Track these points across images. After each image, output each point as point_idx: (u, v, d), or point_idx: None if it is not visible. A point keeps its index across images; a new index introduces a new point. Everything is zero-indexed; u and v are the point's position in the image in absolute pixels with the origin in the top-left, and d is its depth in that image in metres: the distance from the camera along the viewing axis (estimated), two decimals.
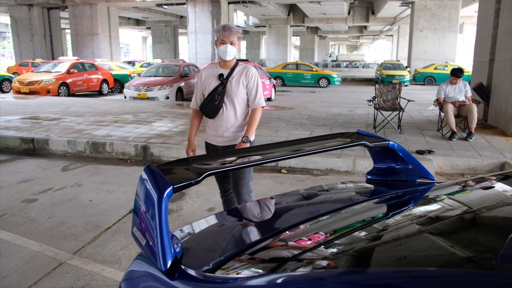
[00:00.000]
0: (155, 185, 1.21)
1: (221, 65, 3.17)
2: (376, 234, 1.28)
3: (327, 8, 31.69)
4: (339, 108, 11.53)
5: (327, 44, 69.27)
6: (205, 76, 3.18)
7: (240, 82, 3.11)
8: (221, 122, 3.15)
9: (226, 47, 3.03)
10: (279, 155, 1.56)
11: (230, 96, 3.11)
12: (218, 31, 3.04)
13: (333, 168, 5.79)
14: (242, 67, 3.15)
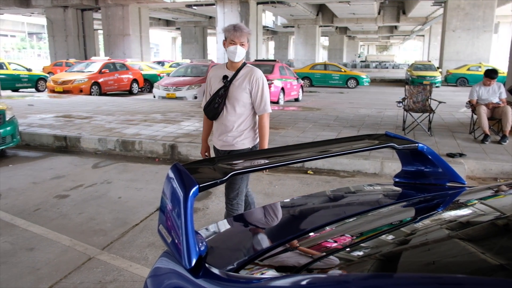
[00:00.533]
0: (181, 184, 1.23)
1: (228, 66, 3.07)
2: (403, 238, 1.25)
3: (356, 8, 31.32)
4: (368, 109, 11.38)
5: (356, 45, 68.46)
6: (211, 76, 3.12)
7: (243, 85, 2.98)
8: (220, 125, 3.09)
9: (236, 48, 2.91)
10: (306, 156, 1.55)
11: (232, 100, 3.00)
12: (228, 31, 2.92)
13: (361, 170, 5.72)
14: (248, 70, 3.02)
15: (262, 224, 1.59)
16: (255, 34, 24.76)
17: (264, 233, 1.47)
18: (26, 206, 4.41)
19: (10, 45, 66.68)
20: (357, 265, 1.12)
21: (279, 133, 7.40)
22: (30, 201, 4.54)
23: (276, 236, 1.39)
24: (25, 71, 18.43)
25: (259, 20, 25.53)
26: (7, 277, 3.01)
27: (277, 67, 13.70)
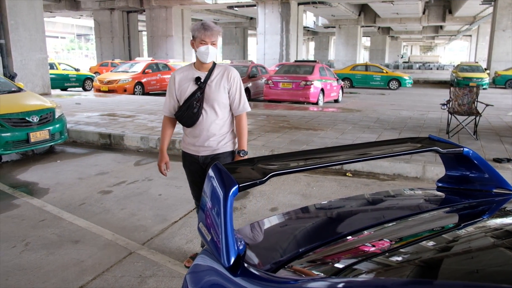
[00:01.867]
0: (222, 184, 1.25)
1: (196, 67, 2.83)
2: (445, 245, 1.22)
3: (400, 7, 30.57)
4: (410, 111, 11.09)
5: (399, 45, 66.80)
6: (179, 80, 2.83)
7: (221, 85, 2.79)
8: (201, 131, 2.83)
9: (207, 48, 2.69)
10: (346, 158, 1.54)
11: (210, 102, 2.78)
12: (198, 30, 2.69)
13: (401, 173, 5.58)
14: (222, 69, 2.84)
15: (300, 225, 1.59)
16: (295, 35, 24.67)
17: (302, 234, 1.47)
18: (72, 200, 4.61)
19: (60, 46, 69.75)
20: (395, 270, 1.11)
21: (318, 134, 7.35)
22: (76, 196, 4.74)
23: (314, 238, 1.38)
24: (74, 71, 19.25)
25: (299, 21, 25.41)
26: (54, 267, 3.16)
27: (317, 68, 13.60)
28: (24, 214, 4.21)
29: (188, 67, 2.89)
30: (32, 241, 3.60)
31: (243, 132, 2.90)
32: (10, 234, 3.72)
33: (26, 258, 3.30)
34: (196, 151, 2.90)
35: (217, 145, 2.88)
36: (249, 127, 7.96)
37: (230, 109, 2.87)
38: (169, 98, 2.89)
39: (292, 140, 6.79)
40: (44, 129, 6.31)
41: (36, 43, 12.86)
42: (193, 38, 2.74)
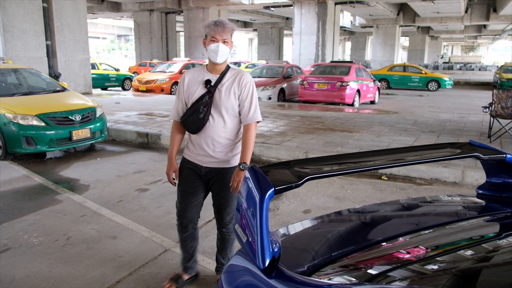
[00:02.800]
0: (258, 186, 1.27)
1: (208, 69, 2.62)
2: (484, 254, 1.19)
3: (441, 6, 29.68)
4: (449, 113, 10.77)
5: (439, 45, 64.87)
6: (188, 81, 2.62)
7: (231, 90, 2.54)
8: (206, 139, 2.58)
9: (218, 46, 2.47)
10: (382, 163, 1.53)
11: (218, 108, 2.54)
12: (208, 27, 2.49)
13: (439, 178, 5.44)
14: (235, 73, 2.60)
15: (335, 229, 1.59)
16: (331, 35, 24.41)
17: (337, 238, 1.47)
18: (111, 197, 4.76)
19: (101, 47, 72.01)
20: (431, 279, 1.09)
21: (353, 136, 7.26)
22: (114, 193, 4.89)
23: (349, 242, 1.38)
24: (114, 71, 19.84)
25: (336, 21, 25.13)
26: (93, 261, 3.28)
27: (353, 69, 13.43)
28: (66, 209, 4.39)
29: (200, 68, 2.67)
30: (73, 235, 3.75)
31: (249, 143, 2.57)
32: (53, 228, 3.89)
33: (68, 252, 3.44)
34: (200, 161, 2.64)
35: (224, 157, 2.62)
36: (284, 128, 7.96)
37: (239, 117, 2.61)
38: (177, 101, 2.68)
39: (327, 142, 6.74)
40: (85, 127, 6.55)
41: (80, 44, 13.35)
42: (205, 36, 2.54)
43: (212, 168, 2.64)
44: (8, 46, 10.74)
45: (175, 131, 2.74)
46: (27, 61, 10.73)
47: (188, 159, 2.71)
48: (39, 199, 4.70)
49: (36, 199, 4.71)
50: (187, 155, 2.72)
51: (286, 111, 10.79)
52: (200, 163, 2.65)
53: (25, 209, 4.38)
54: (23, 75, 7.47)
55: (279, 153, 6.29)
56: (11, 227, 3.92)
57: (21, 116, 6.09)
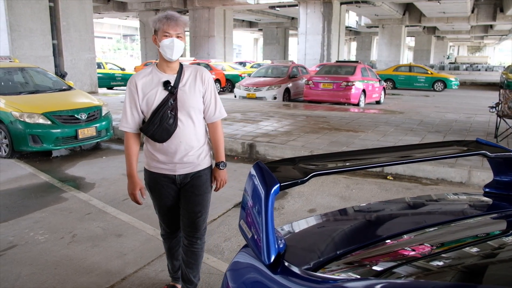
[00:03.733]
0: (263, 182, 1.26)
1: (161, 68, 2.34)
2: (490, 251, 1.18)
3: (447, 6, 29.53)
4: (456, 114, 10.71)
5: (445, 45, 64.55)
6: (142, 86, 2.30)
7: (195, 89, 2.34)
8: (178, 145, 2.33)
9: (173, 41, 2.22)
10: (388, 160, 1.52)
11: (186, 109, 2.30)
12: (159, 21, 2.24)
13: (445, 178, 5.41)
14: (193, 69, 2.39)
15: (340, 227, 1.58)
16: (337, 35, 24.37)
17: (342, 236, 1.46)
18: (116, 195, 4.78)
19: (107, 46, 72.29)
20: (436, 275, 1.09)
21: (359, 136, 7.24)
22: (120, 191, 4.91)
23: (354, 239, 1.38)
24: (119, 71, 19.90)
25: (342, 21, 25.08)
26: (98, 259, 3.30)
27: (359, 69, 13.39)
28: (72, 207, 4.41)
29: (149, 69, 2.36)
30: (78, 233, 3.77)
31: (220, 141, 2.49)
32: (59, 226, 3.91)
33: (73, 249, 3.46)
34: (172, 170, 2.39)
35: (198, 160, 2.41)
36: (289, 127, 7.95)
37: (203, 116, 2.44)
38: (130, 110, 2.33)
39: (332, 142, 6.72)
40: (91, 126, 6.57)
41: (86, 43, 13.41)
42: (154, 32, 2.28)
43: (187, 174, 2.42)
44: (15, 45, 10.81)
45: (131, 144, 2.40)
46: (34, 60, 10.80)
47: (156, 172, 2.42)
48: (45, 197, 4.73)
49: (42, 197, 4.73)
50: (153, 168, 2.42)
51: (291, 110, 10.77)
52: (172, 173, 2.40)
53: (31, 206, 4.41)
54: (30, 74, 7.51)
55: (284, 153, 6.28)
56: (17, 224, 3.94)
57: (28, 115, 6.12)
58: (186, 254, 2.58)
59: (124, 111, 2.36)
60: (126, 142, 2.41)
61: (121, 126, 2.38)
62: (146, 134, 2.33)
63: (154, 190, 2.49)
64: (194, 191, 2.45)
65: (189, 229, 2.52)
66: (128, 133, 2.39)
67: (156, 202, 2.55)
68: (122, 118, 2.37)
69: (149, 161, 2.44)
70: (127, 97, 2.34)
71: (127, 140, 2.41)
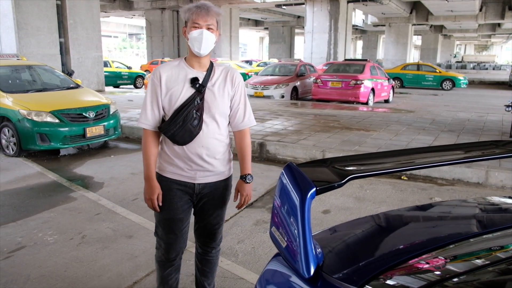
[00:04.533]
0: (297, 186, 1.15)
1: (190, 63, 2.12)
2: None
3: (455, 4, 29.26)
4: (467, 113, 10.54)
5: (452, 44, 64.07)
6: (166, 79, 2.08)
7: (225, 91, 2.12)
8: (200, 149, 2.10)
9: (202, 33, 2.00)
10: (427, 162, 1.41)
11: (212, 112, 2.09)
12: (189, 11, 2.02)
13: (461, 178, 5.27)
14: (224, 69, 2.17)
15: (380, 233, 1.47)
16: (344, 34, 24.21)
17: (384, 244, 1.34)
18: (126, 195, 4.68)
19: (113, 45, 72.36)
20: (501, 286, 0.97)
21: (370, 135, 7.11)
22: (129, 191, 4.81)
23: (398, 249, 1.26)
24: (126, 69, 19.86)
25: (349, 19, 24.91)
26: (109, 261, 3.20)
27: (368, 67, 13.24)
28: (81, 207, 4.32)
29: (177, 63, 2.14)
30: (88, 234, 3.67)
31: (248, 151, 2.26)
32: (68, 226, 3.82)
33: (83, 251, 3.37)
34: (191, 178, 2.16)
35: (222, 167, 2.21)
36: (299, 126, 7.83)
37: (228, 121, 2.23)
38: (151, 105, 2.10)
39: (344, 141, 6.60)
40: (99, 124, 6.49)
41: (93, 42, 13.34)
42: (185, 24, 2.07)
43: (208, 183, 2.19)
44: (22, 43, 10.76)
45: (150, 143, 2.14)
46: (41, 58, 10.74)
47: (172, 178, 2.17)
48: (54, 196, 4.64)
49: (50, 196, 4.65)
50: (169, 173, 2.17)
51: (300, 109, 10.65)
52: (191, 181, 2.16)
53: (39, 206, 4.32)
54: (37, 72, 7.44)
55: (295, 152, 6.16)
56: (25, 224, 3.86)
57: (35, 113, 6.04)
58: (200, 262, 2.47)
59: (144, 105, 2.12)
60: (145, 140, 2.15)
61: (139, 122, 2.13)
62: (166, 134, 2.09)
63: (165, 199, 2.18)
64: (214, 204, 2.26)
65: (204, 239, 2.39)
66: (146, 131, 2.14)
67: (163, 214, 2.21)
68: (141, 114, 2.13)
69: (164, 164, 2.18)
70: (149, 90, 2.12)
71: (145, 138, 2.15)
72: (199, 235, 2.39)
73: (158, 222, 2.27)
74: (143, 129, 2.15)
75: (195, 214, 2.31)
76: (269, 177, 5.44)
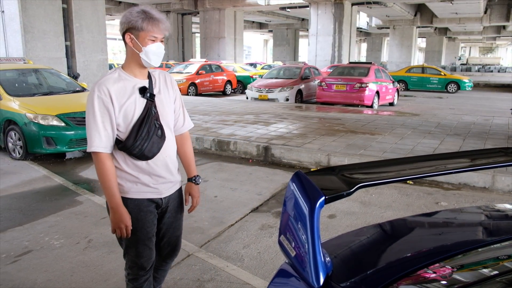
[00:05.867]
0: (306, 195, 1.16)
1: (131, 73, 1.98)
2: None
3: (460, 7, 29.21)
4: (472, 116, 10.50)
5: (456, 46, 63.97)
6: (116, 94, 1.90)
7: (169, 95, 2.07)
8: (164, 160, 2.03)
9: (161, 48, 1.95)
10: (436, 169, 1.40)
11: (165, 119, 2.03)
12: (142, 20, 1.87)
13: (468, 182, 5.25)
14: (160, 73, 2.10)
15: (388, 242, 1.46)
16: (348, 36, 24.20)
17: (393, 253, 1.34)
18: None
19: (118, 48, 72.68)
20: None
21: (376, 138, 7.09)
22: None
23: (408, 258, 1.25)
24: None
25: (353, 22, 24.91)
26: (115, 266, 3.20)
27: (372, 70, 13.22)
28: (87, 210, 4.33)
29: (116, 74, 1.96)
30: (94, 238, 3.68)
31: (192, 153, 2.25)
32: (74, 230, 3.83)
33: (89, 255, 3.38)
34: (158, 193, 2.06)
35: (178, 176, 2.15)
36: (303, 130, 7.83)
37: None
38: (102, 125, 1.88)
39: (349, 145, 6.59)
40: None
41: (98, 45, 13.39)
42: (127, 30, 1.91)
43: (171, 195, 2.13)
44: (28, 47, 10.82)
45: (109, 168, 1.92)
46: (47, 61, 10.79)
47: (139, 197, 2.02)
48: (60, 200, 4.66)
49: (56, 200, 4.67)
50: (135, 193, 2.01)
51: (305, 112, 10.64)
52: (158, 196, 2.06)
53: (45, 210, 4.34)
54: (43, 75, 7.48)
55: (300, 156, 6.16)
56: (32, 228, 3.87)
57: (42, 116, 6.08)
58: (157, 272, 2.37)
59: (95, 126, 1.88)
60: (102, 167, 1.90)
61: (92, 146, 1.88)
62: (132, 152, 1.93)
63: (137, 220, 2.02)
64: (176, 215, 2.21)
65: (169, 253, 2.30)
66: (102, 155, 1.90)
67: (136, 235, 2.04)
68: (92, 136, 1.88)
69: (127, 185, 1.99)
70: (97, 109, 1.88)
71: (102, 164, 1.90)
72: (162, 250, 2.27)
73: (130, 244, 2.09)
74: (96, 154, 1.91)
75: (158, 229, 2.19)
76: (274, 181, 5.44)
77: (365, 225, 4.01)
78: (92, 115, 1.89)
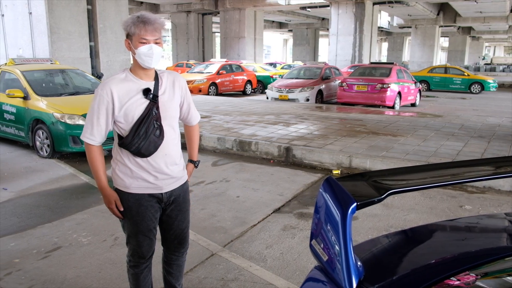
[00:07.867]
0: (338, 201, 1.18)
1: (137, 75, 2.13)
2: None
3: (484, 5, 28.63)
4: (497, 117, 10.29)
5: (480, 46, 62.63)
6: (118, 94, 2.07)
7: (174, 97, 2.22)
8: (164, 158, 2.18)
9: (151, 48, 2.04)
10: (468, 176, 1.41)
11: (168, 119, 2.18)
12: (134, 25, 2.02)
13: (493, 186, 5.17)
14: (170, 76, 2.25)
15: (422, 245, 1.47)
16: (369, 36, 24.00)
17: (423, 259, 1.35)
18: None
19: None
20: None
21: (398, 140, 7.03)
22: None
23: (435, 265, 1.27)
24: None
25: (374, 21, 24.67)
26: None
27: (394, 70, 13.09)
28: None
29: (123, 75, 2.14)
30: (120, 236, 3.76)
31: (198, 139, 2.54)
32: (101, 228, 3.93)
33: (116, 252, 3.46)
34: (158, 188, 2.20)
35: (181, 172, 2.32)
36: (324, 130, 7.82)
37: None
38: (97, 121, 2.08)
39: (371, 146, 6.55)
40: None
41: (121, 45, 13.60)
42: (127, 36, 2.07)
43: (173, 190, 2.28)
44: (54, 47, 11.08)
45: (97, 156, 2.14)
46: (72, 61, 11.04)
47: (139, 192, 2.18)
48: (86, 198, 4.78)
49: (83, 198, 4.79)
50: (135, 188, 2.17)
51: (325, 113, 10.61)
52: (158, 191, 2.21)
53: (73, 207, 4.46)
54: (70, 76, 7.66)
55: (321, 157, 6.16)
56: (61, 225, 3.99)
57: (68, 116, 6.23)
58: (171, 267, 2.51)
59: (90, 120, 2.09)
60: (90, 155, 2.13)
61: (83, 136, 2.12)
62: (129, 149, 2.11)
63: (138, 213, 2.20)
64: (181, 208, 2.36)
65: (175, 245, 2.45)
66: (91, 146, 2.12)
67: (137, 227, 2.23)
68: (86, 128, 2.11)
69: (129, 181, 2.16)
70: (97, 106, 2.07)
71: (91, 153, 2.13)
72: (169, 243, 2.43)
73: (131, 234, 2.28)
74: (86, 143, 2.14)
75: (162, 222, 2.36)
76: (296, 182, 5.46)
77: (388, 228, 3.99)
78: (91, 109, 2.11)
